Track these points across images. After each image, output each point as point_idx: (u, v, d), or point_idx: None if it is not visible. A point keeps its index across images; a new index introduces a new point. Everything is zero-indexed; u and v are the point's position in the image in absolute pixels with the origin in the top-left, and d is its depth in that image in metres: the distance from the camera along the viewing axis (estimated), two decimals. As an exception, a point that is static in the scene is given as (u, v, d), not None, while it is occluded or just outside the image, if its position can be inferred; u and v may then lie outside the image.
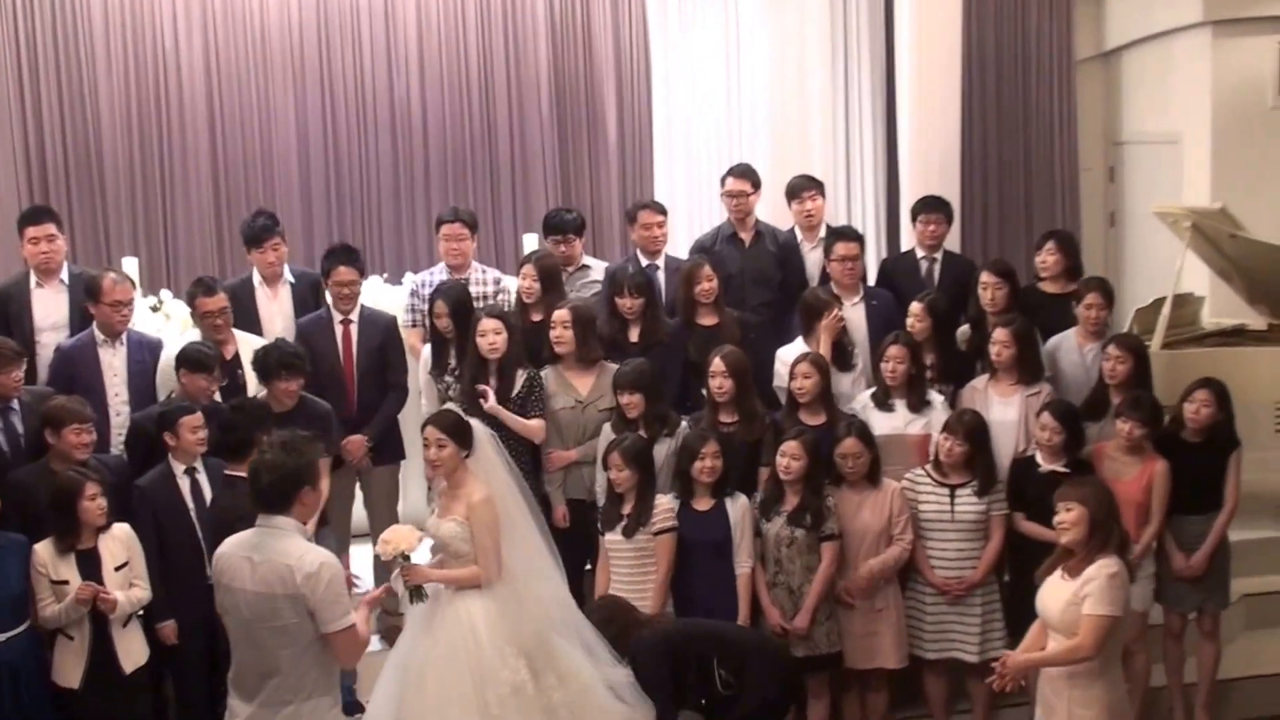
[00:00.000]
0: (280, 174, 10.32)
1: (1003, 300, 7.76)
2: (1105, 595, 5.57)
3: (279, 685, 5.17)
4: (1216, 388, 7.23)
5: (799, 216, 8.54)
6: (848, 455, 6.96)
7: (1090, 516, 5.68)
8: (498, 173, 10.57)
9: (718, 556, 6.91)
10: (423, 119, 10.47)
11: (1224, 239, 8.85)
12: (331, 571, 5.11)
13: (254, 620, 5.16)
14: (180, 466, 6.77)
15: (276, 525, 5.17)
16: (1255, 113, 10.08)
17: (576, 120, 10.66)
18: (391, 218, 10.50)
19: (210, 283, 7.61)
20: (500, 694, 6.05)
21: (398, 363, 7.87)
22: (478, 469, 6.34)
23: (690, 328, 7.77)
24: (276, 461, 5.16)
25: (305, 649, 5.15)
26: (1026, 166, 10.65)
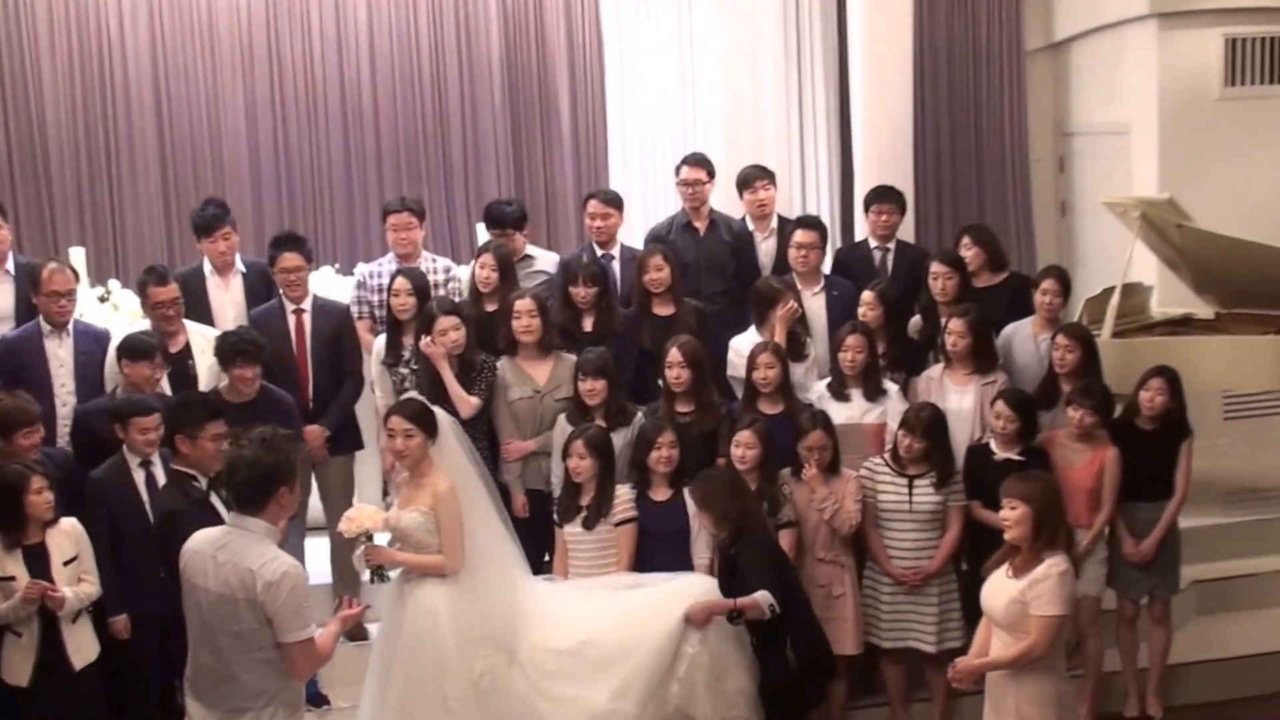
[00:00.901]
0: (230, 163, 10.24)
1: (953, 290, 7.79)
2: (1056, 594, 5.55)
3: (235, 691, 4.99)
4: (1171, 376, 7.29)
5: (751, 206, 8.54)
6: (813, 448, 6.95)
7: (1033, 515, 5.66)
8: (450, 162, 10.52)
9: (676, 547, 6.89)
10: (373, 107, 10.41)
11: (1171, 229, 8.92)
12: (294, 581, 4.90)
13: (212, 622, 4.98)
14: (135, 459, 6.67)
15: (246, 527, 4.97)
16: (1201, 104, 10.21)
17: (529, 109, 10.61)
18: (343, 207, 10.44)
19: (162, 271, 7.53)
20: (460, 688, 6.03)
21: (353, 351, 7.81)
22: (440, 458, 6.32)
23: (645, 317, 7.75)
24: (254, 458, 4.92)
25: (263, 656, 4.96)
26: (978, 157, 10.71)
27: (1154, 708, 7.44)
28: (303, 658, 5.01)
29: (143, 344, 7.03)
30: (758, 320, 7.65)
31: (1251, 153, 10.16)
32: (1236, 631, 8.13)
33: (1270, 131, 10.23)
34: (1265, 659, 7.84)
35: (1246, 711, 7.57)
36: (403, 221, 8.18)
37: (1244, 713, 7.55)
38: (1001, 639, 5.73)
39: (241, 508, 4.99)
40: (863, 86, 9.76)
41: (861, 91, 9.78)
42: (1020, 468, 7.06)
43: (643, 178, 9.95)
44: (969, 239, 8.21)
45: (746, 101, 9.90)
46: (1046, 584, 5.55)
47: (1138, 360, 8.09)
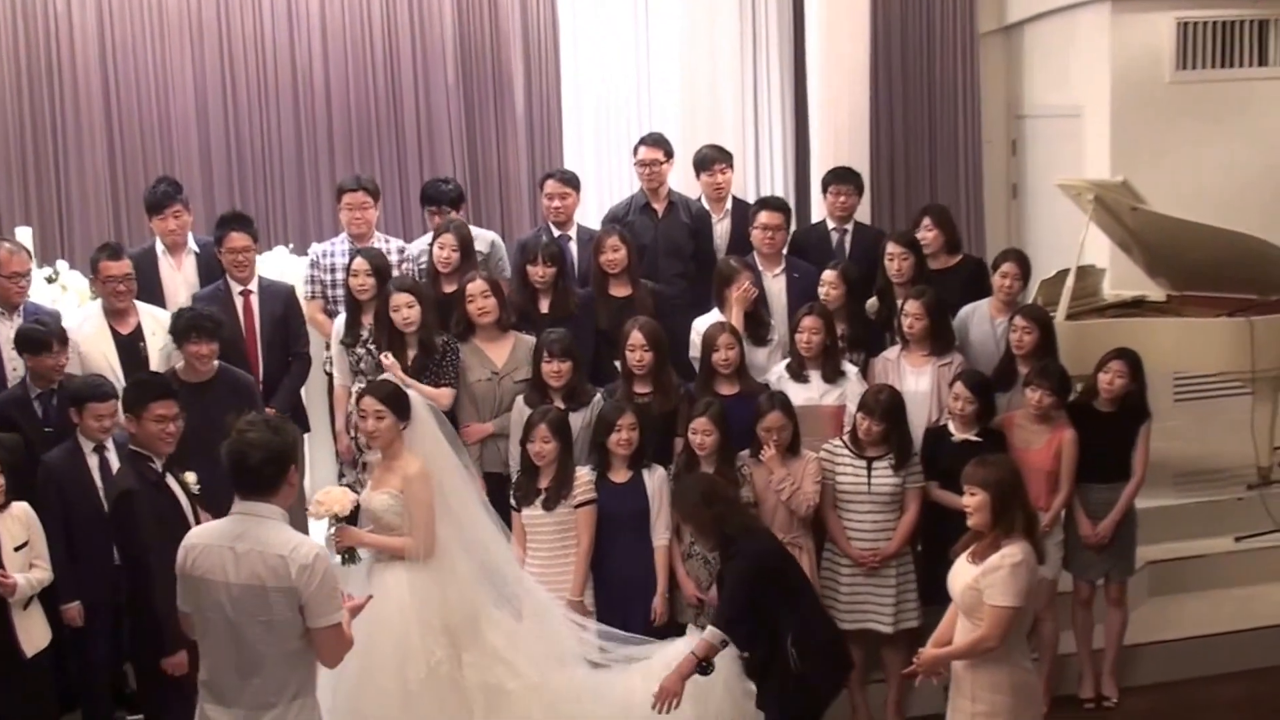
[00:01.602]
0: (179, 142, 10.07)
1: (909, 271, 7.79)
2: (1008, 586, 5.51)
3: (261, 686, 4.76)
4: (1131, 358, 7.32)
5: (708, 188, 8.51)
6: (771, 429, 6.93)
7: (992, 501, 5.63)
8: (403, 141, 10.39)
9: (635, 529, 6.88)
10: (325, 86, 10.25)
11: (1125, 212, 8.95)
12: (326, 564, 4.74)
13: (238, 615, 4.72)
14: (89, 444, 6.57)
15: (259, 512, 4.74)
16: (1153, 87, 10.24)
17: (483, 88, 10.49)
18: (294, 187, 10.29)
19: (116, 247, 7.44)
20: (419, 674, 5.98)
21: (300, 332, 7.75)
22: (414, 441, 6.27)
23: (602, 298, 7.72)
24: (264, 440, 4.72)
25: (292, 645, 4.76)
26: (931, 139, 10.71)
27: (1109, 689, 7.48)
28: (335, 642, 4.81)
29: (38, 336, 6.83)
30: (718, 300, 7.62)
31: (1202, 136, 10.21)
32: (1190, 612, 8.19)
33: (1220, 115, 10.29)
34: (1219, 639, 7.92)
35: (1201, 691, 7.63)
36: (357, 201, 8.11)
37: (1199, 693, 7.62)
38: (963, 624, 5.74)
39: (253, 493, 4.76)
40: (820, 68, 9.74)
41: (818, 73, 9.75)
42: (978, 449, 7.08)
43: (597, 158, 9.88)
44: (929, 220, 8.20)
45: (704, 83, 9.86)
46: (998, 574, 5.53)
47: (1093, 342, 8.17)
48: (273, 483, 4.75)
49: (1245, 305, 8.95)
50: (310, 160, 10.31)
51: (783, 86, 10.16)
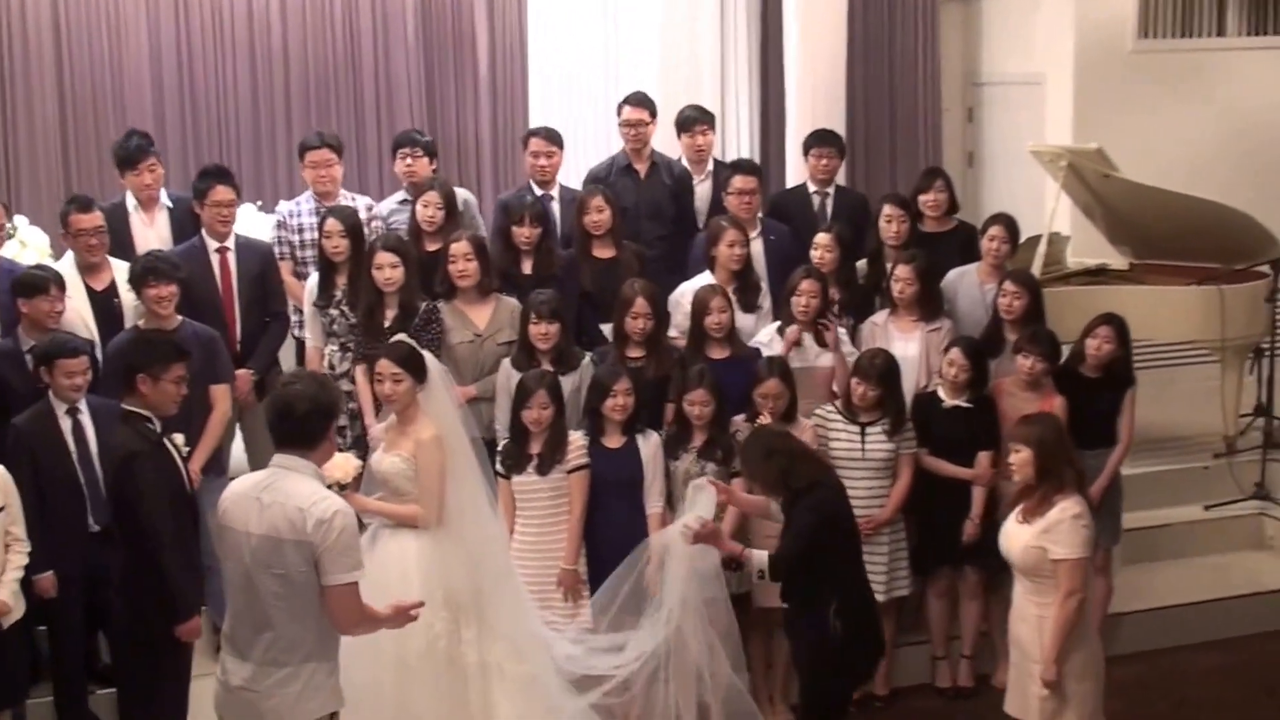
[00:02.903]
0: (132, 99, 9.70)
1: (905, 233, 7.73)
2: (1073, 537, 5.56)
3: (273, 642, 4.74)
4: (1118, 324, 7.30)
5: (689, 150, 8.37)
6: (769, 396, 6.81)
7: (1037, 458, 5.65)
8: (361, 99, 10.11)
9: (628, 495, 6.74)
10: (283, 42, 9.94)
11: (1096, 179, 8.95)
12: (346, 521, 4.70)
13: (254, 566, 4.73)
14: (61, 406, 6.30)
15: (293, 467, 4.76)
16: (1116, 56, 10.28)
17: (442, 45, 10.22)
18: (250, 144, 9.96)
19: (85, 200, 7.14)
20: (418, 646, 5.79)
21: (278, 291, 7.53)
22: (428, 405, 6.06)
23: (585, 260, 7.56)
24: (310, 393, 4.76)
25: (306, 604, 4.72)
26: (891, 107, 10.64)
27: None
28: (345, 602, 4.75)
29: (35, 278, 6.63)
30: (708, 262, 7.49)
31: (1163, 105, 10.29)
32: (1165, 581, 8.23)
33: (1181, 84, 10.38)
34: (1196, 608, 7.97)
35: (1182, 660, 7.67)
36: (322, 158, 7.88)
37: (1180, 661, 7.66)
38: (1022, 585, 5.77)
39: (295, 445, 4.79)
40: (796, 31, 9.61)
41: (795, 37, 9.62)
42: (969, 415, 7.10)
43: (565, 119, 9.61)
44: (942, 181, 8.15)
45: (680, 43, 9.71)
46: (1062, 528, 5.57)
47: (1067, 309, 8.13)
48: (316, 436, 4.80)
49: (1209, 274, 8.98)
50: (266, 117, 10.00)
51: (750, 49, 10.03)
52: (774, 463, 5.86)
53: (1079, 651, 5.68)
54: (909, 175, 10.58)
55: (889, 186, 10.19)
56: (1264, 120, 10.49)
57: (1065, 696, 5.67)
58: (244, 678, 4.82)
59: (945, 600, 7.36)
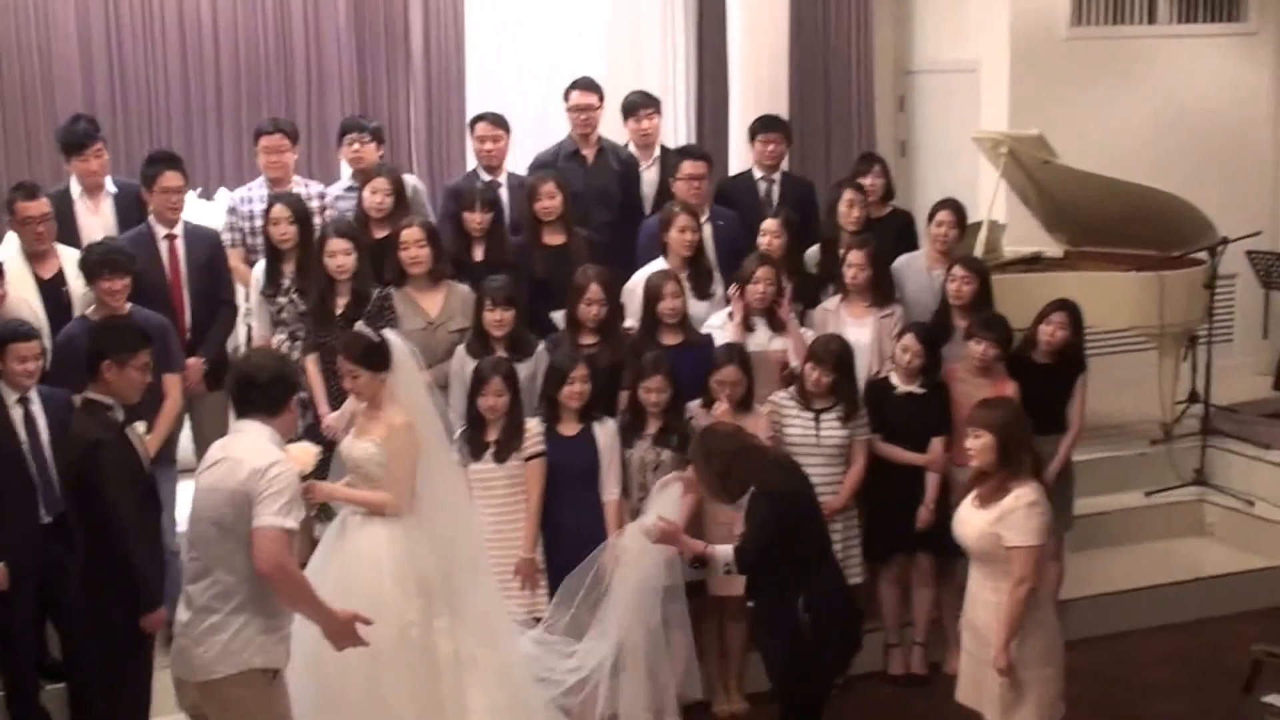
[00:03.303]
0: (61, 88, 9.38)
1: (863, 218, 7.74)
2: (1027, 525, 5.52)
3: (207, 589, 4.95)
4: (1072, 310, 7.34)
5: (635, 135, 8.29)
6: (726, 383, 6.77)
7: (998, 443, 5.61)
8: (293, 87, 9.86)
9: (585, 483, 6.68)
10: (213, 27, 9.67)
11: (1036, 165, 9.01)
12: (281, 470, 4.91)
13: (197, 514, 5.01)
14: (12, 395, 6.10)
15: (249, 429, 5.04)
16: (1050, 43, 10.32)
17: (375, 32, 10.00)
18: (181, 131, 9.66)
19: (31, 186, 6.94)
20: (390, 634, 5.67)
21: (226, 279, 7.38)
22: (398, 389, 5.95)
23: (536, 246, 7.48)
24: (269, 364, 5.12)
25: (236, 551, 4.90)
26: (826, 95, 10.60)
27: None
28: (268, 544, 4.84)
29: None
30: (662, 249, 7.43)
31: (1096, 92, 10.33)
32: (1110, 567, 8.27)
33: (1114, 72, 10.43)
34: (1143, 594, 8.03)
35: (1133, 645, 7.72)
36: (274, 144, 7.75)
37: (1131, 647, 7.70)
38: (978, 570, 5.73)
39: (256, 410, 5.05)
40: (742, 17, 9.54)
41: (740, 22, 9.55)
42: (921, 401, 7.10)
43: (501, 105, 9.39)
44: (880, 167, 8.20)
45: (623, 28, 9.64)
46: (1016, 515, 5.53)
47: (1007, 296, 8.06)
48: (277, 403, 5.06)
49: (1145, 261, 9.06)
50: (198, 105, 9.73)
51: (686, 34, 9.97)
52: (712, 466, 5.80)
53: (1038, 638, 5.65)
54: (843, 163, 10.58)
55: (824, 175, 10.16)
56: (1194, 107, 10.60)
57: (1024, 683, 5.62)
58: (182, 623, 5.04)
59: (897, 587, 7.36)
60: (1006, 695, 5.64)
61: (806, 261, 7.78)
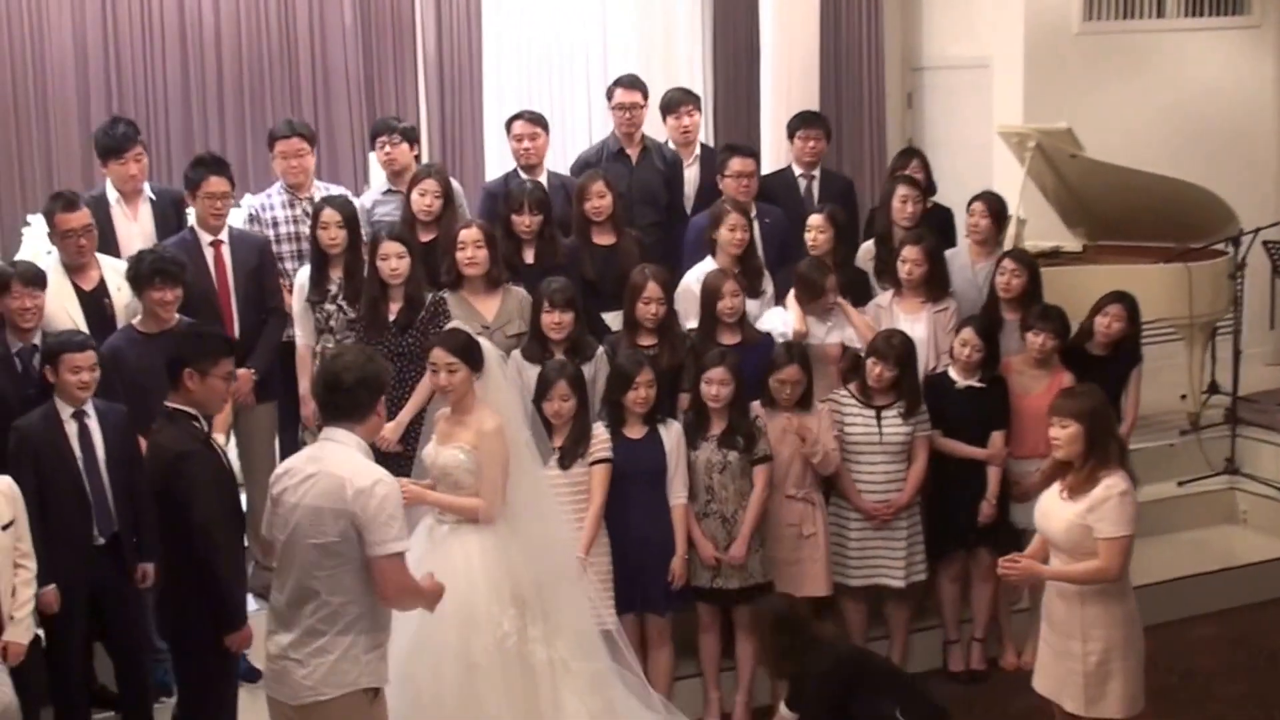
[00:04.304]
0: (55, 92, 9.14)
1: (919, 214, 7.67)
2: (1120, 515, 5.41)
3: (314, 612, 4.70)
4: (1129, 302, 7.30)
5: (675, 132, 8.16)
6: (787, 382, 6.67)
7: (1086, 432, 5.50)
8: (298, 89, 9.66)
9: (652, 487, 6.53)
10: (215, 30, 9.44)
11: (1063, 159, 8.98)
12: (387, 490, 4.68)
13: (298, 537, 4.71)
14: (67, 409, 5.89)
15: (338, 438, 4.77)
16: (1062, 38, 10.30)
17: (381, 33, 9.81)
18: (180, 138, 9.43)
19: (71, 196, 6.67)
20: (486, 644, 5.54)
21: (275, 286, 7.15)
22: (486, 394, 5.80)
23: (586, 247, 7.33)
24: (357, 364, 4.80)
25: (345, 574, 4.69)
26: (836, 93, 10.53)
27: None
28: (392, 574, 4.71)
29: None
30: (712, 248, 7.30)
31: (1108, 86, 10.32)
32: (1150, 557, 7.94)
33: (1125, 65, 10.43)
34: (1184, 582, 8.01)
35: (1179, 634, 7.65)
36: (293, 148, 7.50)
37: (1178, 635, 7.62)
38: (1062, 562, 5.60)
39: (342, 417, 4.80)
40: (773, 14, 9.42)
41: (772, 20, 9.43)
42: (982, 396, 7.04)
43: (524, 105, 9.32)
44: (918, 161, 8.12)
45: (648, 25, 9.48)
46: (1108, 505, 5.41)
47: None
48: (364, 408, 4.80)
49: (1164, 253, 9.07)
50: (199, 111, 9.50)
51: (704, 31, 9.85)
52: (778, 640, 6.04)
53: (1123, 629, 5.57)
54: (854, 162, 10.60)
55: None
56: (1202, 100, 10.61)
57: (1110, 674, 5.56)
58: (282, 646, 4.80)
59: (957, 584, 7.29)
60: (1091, 686, 5.57)
61: (861, 256, 7.72)
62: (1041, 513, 5.67)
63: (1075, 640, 5.55)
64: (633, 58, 9.45)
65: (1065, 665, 5.63)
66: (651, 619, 6.61)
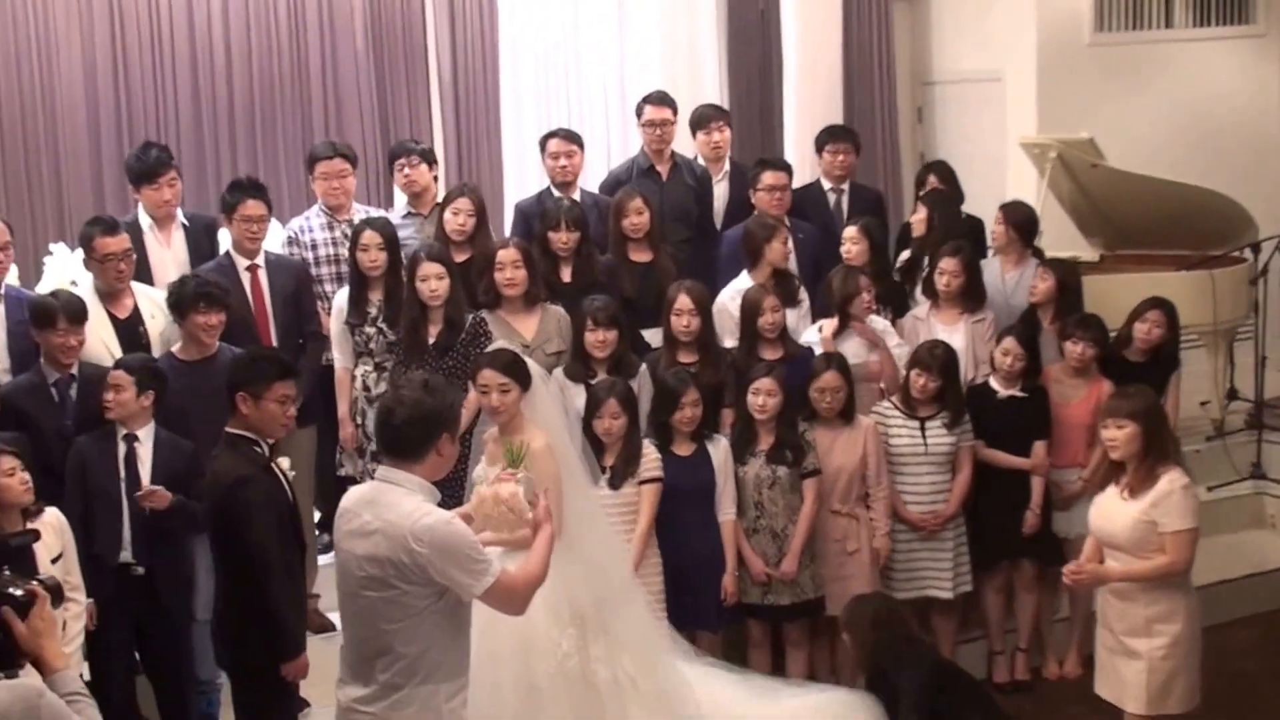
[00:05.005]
0: (65, 118, 8.98)
1: None
2: (1185, 509, 5.46)
3: (389, 665, 4.35)
4: (1168, 308, 7.31)
5: (705, 148, 8.12)
6: (826, 390, 6.63)
7: (1143, 432, 5.52)
8: (309, 113, 9.54)
9: (701, 504, 6.49)
10: (225, 55, 9.31)
11: (1083, 169, 8.97)
12: (446, 531, 4.26)
13: (362, 589, 4.34)
14: (122, 429, 5.86)
15: (397, 481, 4.35)
16: (1074, 50, 10.31)
17: (393, 55, 9.72)
18: (192, 164, 9.22)
19: (110, 221, 6.60)
20: (548, 666, 5.45)
21: (313, 310, 7.08)
22: (533, 412, 5.69)
23: (624, 264, 7.29)
24: (415, 399, 4.33)
25: (419, 626, 4.32)
26: (849, 107, 10.50)
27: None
28: (506, 595, 4.41)
29: (45, 307, 6.12)
30: (750, 262, 7.26)
31: (1119, 97, 10.32)
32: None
33: (1135, 76, 10.44)
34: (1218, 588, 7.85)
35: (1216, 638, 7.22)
36: (334, 169, 7.43)
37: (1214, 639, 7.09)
38: (1116, 563, 5.59)
39: (396, 458, 4.38)
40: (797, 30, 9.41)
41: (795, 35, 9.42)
42: (1023, 405, 7.02)
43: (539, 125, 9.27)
44: (934, 176, 8.16)
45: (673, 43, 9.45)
46: (1172, 499, 5.45)
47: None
48: (416, 448, 4.36)
49: (1183, 261, 9.06)
50: (210, 133, 9.36)
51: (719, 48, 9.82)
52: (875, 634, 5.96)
53: (1187, 625, 5.60)
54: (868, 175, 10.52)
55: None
56: (1211, 109, 10.63)
57: (1176, 671, 5.57)
58: (358, 698, 4.44)
59: (1001, 594, 7.25)
60: (1156, 684, 5.57)
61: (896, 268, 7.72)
62: (1100, 515, 5.66)
63: (1140, 639, 5.56)
64: (652, 75, 9.37)
65: (1129, 665, 5.63)
66: (702, 635, 6.52)
